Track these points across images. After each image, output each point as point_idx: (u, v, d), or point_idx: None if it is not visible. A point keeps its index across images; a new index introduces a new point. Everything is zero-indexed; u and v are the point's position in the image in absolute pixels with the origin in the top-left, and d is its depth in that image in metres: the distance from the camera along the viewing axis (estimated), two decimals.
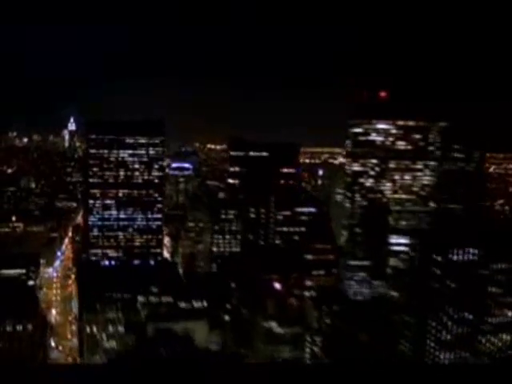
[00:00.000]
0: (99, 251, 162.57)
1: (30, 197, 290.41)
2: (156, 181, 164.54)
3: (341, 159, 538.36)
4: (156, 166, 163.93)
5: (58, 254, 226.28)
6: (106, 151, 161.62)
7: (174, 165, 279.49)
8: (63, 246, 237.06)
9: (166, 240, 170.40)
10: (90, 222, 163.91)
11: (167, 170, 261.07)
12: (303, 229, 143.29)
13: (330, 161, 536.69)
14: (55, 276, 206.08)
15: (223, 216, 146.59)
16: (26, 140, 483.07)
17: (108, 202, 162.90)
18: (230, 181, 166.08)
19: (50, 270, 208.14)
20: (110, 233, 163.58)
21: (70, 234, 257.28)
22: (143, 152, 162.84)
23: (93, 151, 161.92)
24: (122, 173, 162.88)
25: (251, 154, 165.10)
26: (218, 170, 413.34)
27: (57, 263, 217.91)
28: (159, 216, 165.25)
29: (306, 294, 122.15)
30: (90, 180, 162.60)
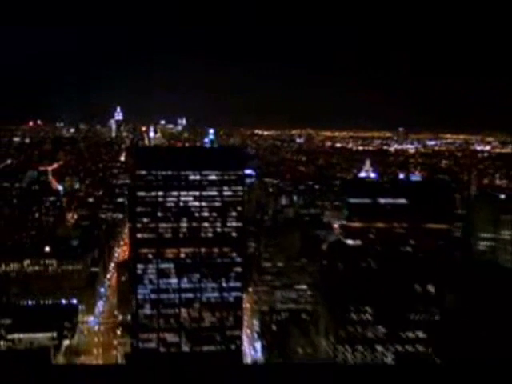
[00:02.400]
0: (154, 336, 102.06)
1: (72, 204, 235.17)
2: (233, 234, 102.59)
3: (395, 146, 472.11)
4: (233, 213, 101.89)
5: (101, 289, 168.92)
6: (161, 193, 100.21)
7: None
8: (107, 277, 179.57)
9: None
10: (139, 295, 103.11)
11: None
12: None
13: (384, 148, 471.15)
14: (97, 329, 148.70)
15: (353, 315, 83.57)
16: (72, 130, 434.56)
17: (165, 265, 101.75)
18: (350, 241, 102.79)
19: (91, 319, 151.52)
20: (168, 310, 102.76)
21: (115, 255, 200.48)
22: (215, 193, 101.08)
23: (142, 194, 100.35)
24: (184, 224, 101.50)
25: (381, 201, 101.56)
26: (272, 163, 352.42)
27: (99, 305, 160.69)
28: (238, 285, 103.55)
29: None
30: (139, 235, 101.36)
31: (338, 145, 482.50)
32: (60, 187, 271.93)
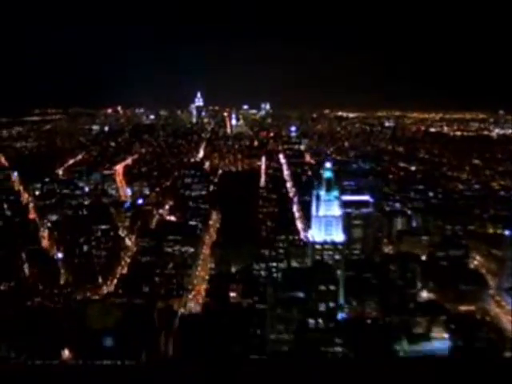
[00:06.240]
0: None
1: (135, 223, 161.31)
2: None
3: (497, 130, 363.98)
4: None
5: None
6: None
7: (346, 197, 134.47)
8: None
9: None
10: None
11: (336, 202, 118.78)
12: None
13: (486, 133, 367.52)
14: None
15: None
16: (152, 117, 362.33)
17: None
18: None
19: None
20: None
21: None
22: None
23: None
24: None
25: None
26: (368, 156, 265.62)
27: None
28: None
29: None
30: None
31: (433, 129, 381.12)
32: (129, 192, 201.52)
